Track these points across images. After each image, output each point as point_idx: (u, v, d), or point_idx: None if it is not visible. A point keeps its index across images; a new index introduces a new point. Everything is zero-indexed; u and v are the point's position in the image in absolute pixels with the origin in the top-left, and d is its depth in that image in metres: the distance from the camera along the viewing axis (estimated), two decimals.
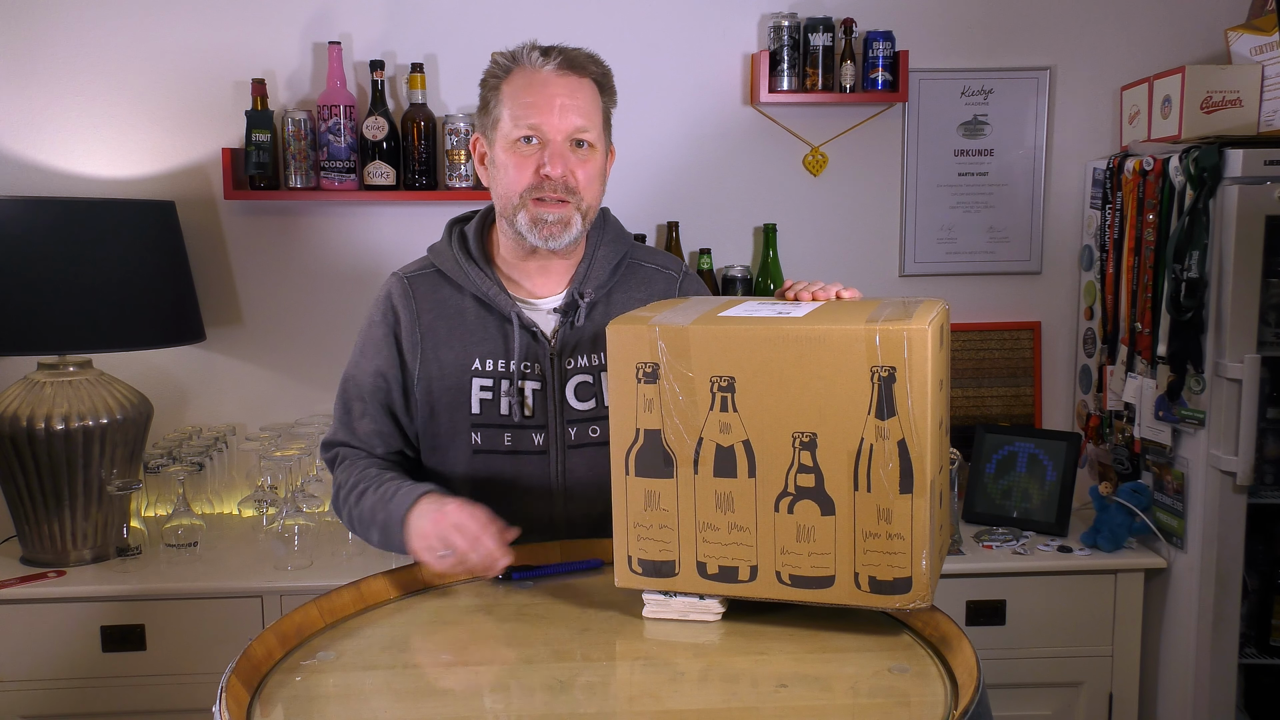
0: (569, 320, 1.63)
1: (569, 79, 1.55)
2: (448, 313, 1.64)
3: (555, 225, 1.55)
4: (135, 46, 2.64)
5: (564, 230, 1.56)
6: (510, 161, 1.55)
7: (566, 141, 1.54)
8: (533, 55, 1.54)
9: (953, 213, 2.81)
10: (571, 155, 1.55)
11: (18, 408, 2.27)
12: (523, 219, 1.56)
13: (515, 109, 1.54)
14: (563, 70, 1.54)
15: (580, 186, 1.56)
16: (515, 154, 1.55)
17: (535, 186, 1.54)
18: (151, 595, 2.25)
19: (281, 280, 2.73)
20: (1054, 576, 2.39)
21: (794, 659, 1.23)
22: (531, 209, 1.55)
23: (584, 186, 1.56)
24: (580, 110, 1.54)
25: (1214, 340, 2.27)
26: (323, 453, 1.73)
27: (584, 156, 1.56)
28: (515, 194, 1.56)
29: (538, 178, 1.54)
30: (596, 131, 1.57)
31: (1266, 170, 2.20)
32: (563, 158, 1.54)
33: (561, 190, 1.54)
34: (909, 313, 1.24)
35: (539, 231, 1.56)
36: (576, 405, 1.62)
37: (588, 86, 1.57)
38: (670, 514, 1.30)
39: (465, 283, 1.64)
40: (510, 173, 1.56)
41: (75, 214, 2.31)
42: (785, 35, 2.64)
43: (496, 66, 1.58)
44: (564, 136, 1.54)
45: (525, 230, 1.56)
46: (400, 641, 1.34)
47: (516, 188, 1.55)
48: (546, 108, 1.53)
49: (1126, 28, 2.77)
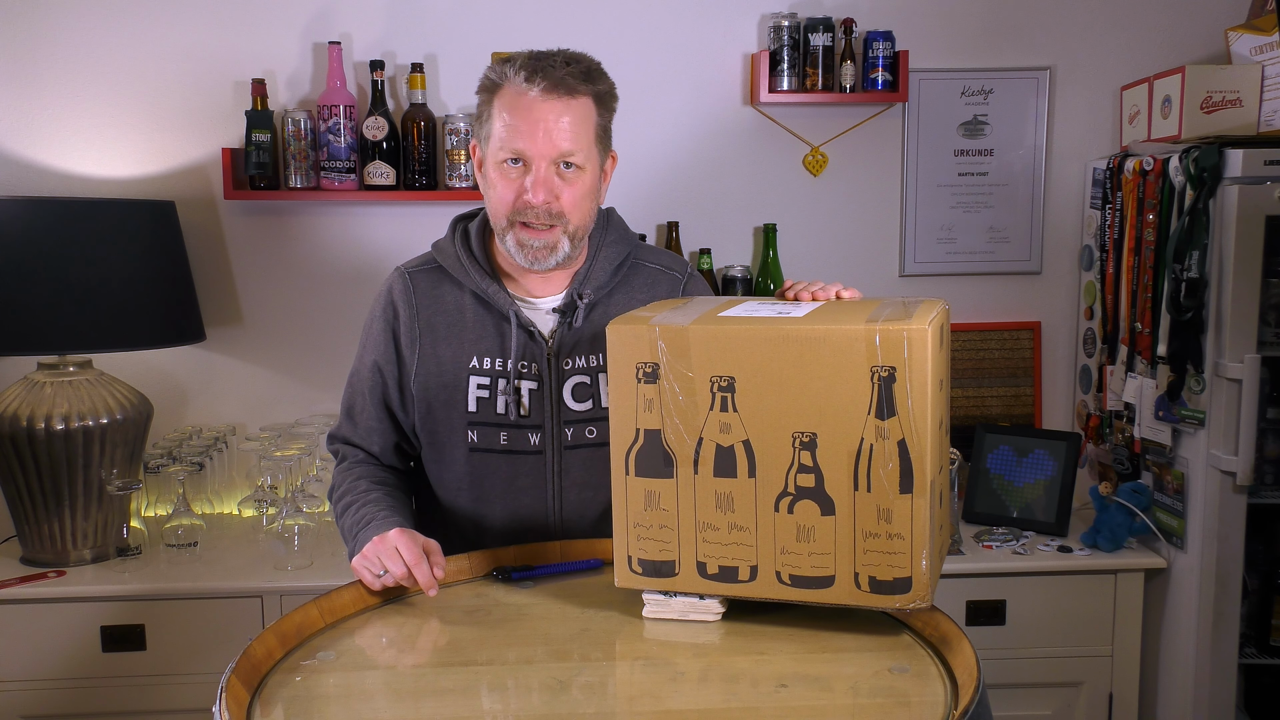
0: (567, 321, 1.63)
1: (554, 103, 1.51)
2: (447, 309, 1.65)
3: (541, 250, 1.55)
4: (135, 47, 2.64)
5: (550, 254, 1.56)
6: (498, 180, 1.55)
7: (551, 165, 1.53)
8: (519, 76, 1.51)
9: (953, 213, 2.81)
10: (556, 179, 1.53)
11: (18, 408, 2.27)
12: (510, 241, 1.56)
13: (502, 129, 1.53)
14: (548, 95, 1.51)
15: (566, 210, 1.54)
16: (501, 174, 1.55)
17: (520, 210, 1.54)
18: (151, 595, 2.25)
19: (281, 280, 2.73)
20: (1054, 576, 2.38)
21: (794, 659, 1.23)
22: (518, 232, 1.55)
23: (570, 209, 1.55)
24: (567, 134, 1.52)
25: (1214, 340, 2.27)
26: (327, 444, 1.76)
27: (571, 179, 1.54)
28: (502, 215, 1.56)
29: (522, 202, 1.53)
30: (585, 152, 1.54)
31: (1266, 170, 2.20)
32: (546, 184, 1.52)
33: (545, 216, 1.53)
34: (909, 313, 1.24)
35: (525, 255, 1.56)
36: (574, 406, 1.62)
37: (577, 106, 1.53)
38: (670, 514, 1.30)
39: (465, 279, 1.64)
40: (498, 191, 1.56)
41: (75, 214, 2.31)
42: (785, 35, 2.64)
43: (487, 80, 1.56)
44: (548, 162, 1.52)
45: (513, 252, 1.57)
46: (400, 641, 1.34)
47: (503, 209, 1.55)
48: (530, 134, 1.51)
49: (1126, 28, 2.76)
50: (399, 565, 1.42)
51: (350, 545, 1.54)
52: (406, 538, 1.45)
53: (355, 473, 1.67)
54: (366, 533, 1.50)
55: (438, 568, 1.44)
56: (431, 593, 1.42)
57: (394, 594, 1.46)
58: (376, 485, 1.64)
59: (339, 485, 1.66)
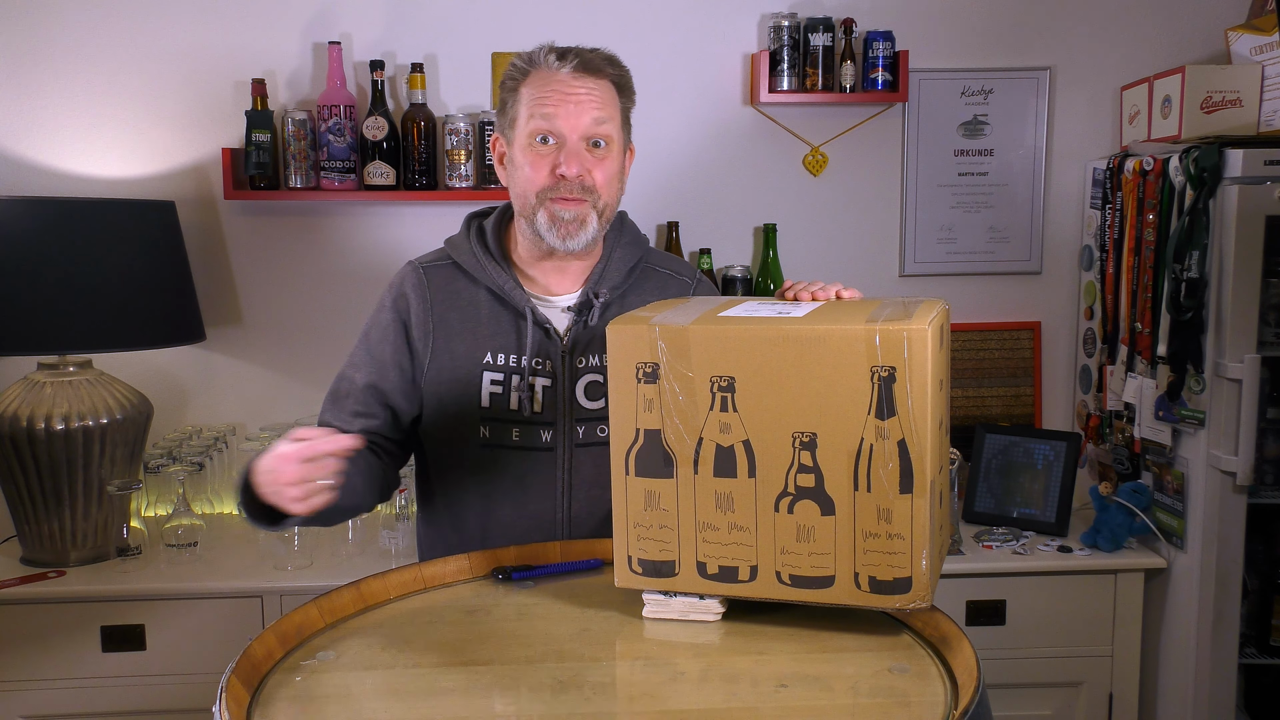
0: (583, 319, 1.63)
1: (585, 80, 1.56)
2: (461, 305, 1.65)
3: (573, 224, 1.56)
4: (135, 47, 2.64)
5: (581, 228, 1.57)
6: (527, 161, 1.56)
7: (582, 141, 1.56)
8: (549, 58, 1.56)
9: (953, 213, 2.81)
10: (588, 155, 1.56)
11: (18, 408, 2.27)
12: (541, 218, 1.57)
13: (532, 109, 1.55)
14: (578, 72, 1.56)
15: (598, 185, 1.57)
16: (532, 153, 1.56)
17: (552, 187, 1.55)
18: (151, 595, 2.25)
19: (281, 280, 2.73)
20: (1054, 576, 2.39)
21: (794, 659, 1.22)
22: (550, 206, 1.56)
23: (602, 185, 1.58)
24: (596, 110, 1.56)
25: (1214, 340, 2.27)
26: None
27: (601, 155, 1.57)
28: (532, 194, 1.57)
29: (554, 178, 1.55)
30: (613, 130, 1.58)
31: (1266, 170, 2.20)
32: (579, 157, 1.55)
33: (578, 190, 1.55)
34: (909, 313, 1.24)
35: (557, 230, 1.56)
36: (586, 404, 1.62)
37: (604, 87, 1.58)
38: (670, 514, 1.30)
39: (481, 276, 1.64)
40: (527, 172, 1.57)
41: (75, 214, 2.31)
42: (785, 35, 2.64)
43: (515, 69, 1.59)
44: (580, 136, 1.55)
45: (544, 230, 1.57)
46: (400, 641, 1.34)
47: (533, 187, 1.56)
48: (562, 108, 1.54)
49: (1126, 28, 2.77)
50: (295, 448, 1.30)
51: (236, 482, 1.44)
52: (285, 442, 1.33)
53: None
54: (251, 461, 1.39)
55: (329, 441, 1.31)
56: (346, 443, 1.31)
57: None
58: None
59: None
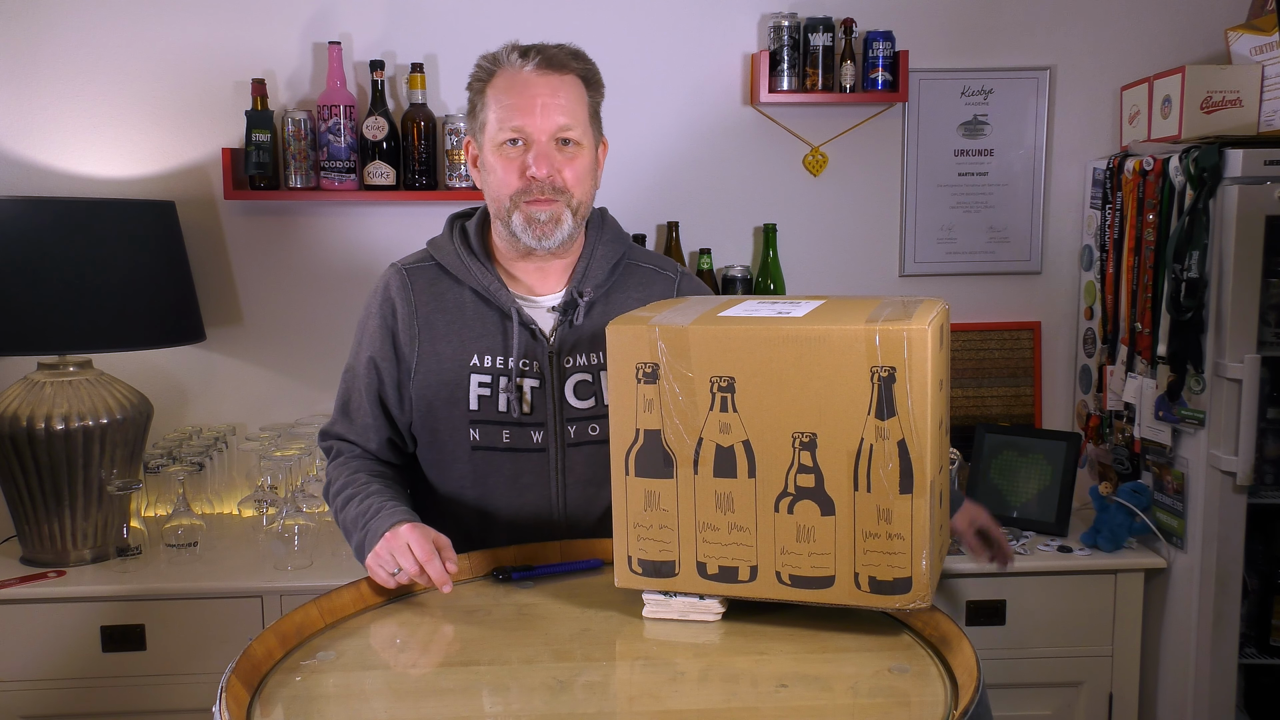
0: (568, 319, 1.63)
1: (550, 78, 1.55)
2: (446, 306, 1.65)
3: (548, 224, 1.57)
4: (135, 46, 2.64)
5: (556, 227, 1.57)
6: (498, 164, 1.57)
7: (551, 141, 1.55)
8: (513, 56, 1.55)
9: (953, 213, 2.81)
10: (557, 154, 1.56)
11: (18, 408, 2.27)
12: (517, 219, 1.57)
13: (499, 111, 1.55)
14: (543, 70, 1.55)
15: (569, 184, 1.57)
16: (502, 156, 1.56)
17: (524, 189, 1.56)
18: (151, 595, 2.25)
19: (281, 280, 2.73)
20: (1054, 576, 2.38)
21: (794, 659, 1.23)
22: (524, 209, 1.56)
23: (573, 184, 1.58)
24: (563, 108, 1.55)
25: (1214, 340, 2.27)
26: (320, 440, 1.74)
27: (570, 154, 1.57)
28: (505, 197, 1.57)
29: (525, 180, 1.55)
30: (582, 128, 1.58)
31: (1266, 170, 2.20)
32: (548, 158, 1.55)
33: (549, 190, 1.55)
34: (909, 313, 1.24)
35: (533, 231, 1.57)
36: (576, 404, 1.62)
37: (570, 83, 1.57)
38: (670, 514, 1.30)
39: (465, 277, 1.64)
40: (499, 174, 1.57)
41: (75, 214, 2.31)
42: (785, 35, 2.64)
43: (480, 70, 1.59)
44: (548, 136, 1.55)
45: (519, 231, 1.57)
46: (400, 641, 1.34)
47: (506, 190, 1.57)
48: (528, 109, 1.54)
49: (1126, 28, 2.76)
50: (411, 562, 1.41)
51: (358, 536, 1.52)
52: (418, 533, 1.44)
53: (352, 466, 1.66)
54: (377, 523, 1.48)
55: (450, 563, 1.43)
56: (446, 589, 1.41)
57: (398, 592, 1.46)
58: (375, 477, 1.63)
59: (336, 479, 1.65)
